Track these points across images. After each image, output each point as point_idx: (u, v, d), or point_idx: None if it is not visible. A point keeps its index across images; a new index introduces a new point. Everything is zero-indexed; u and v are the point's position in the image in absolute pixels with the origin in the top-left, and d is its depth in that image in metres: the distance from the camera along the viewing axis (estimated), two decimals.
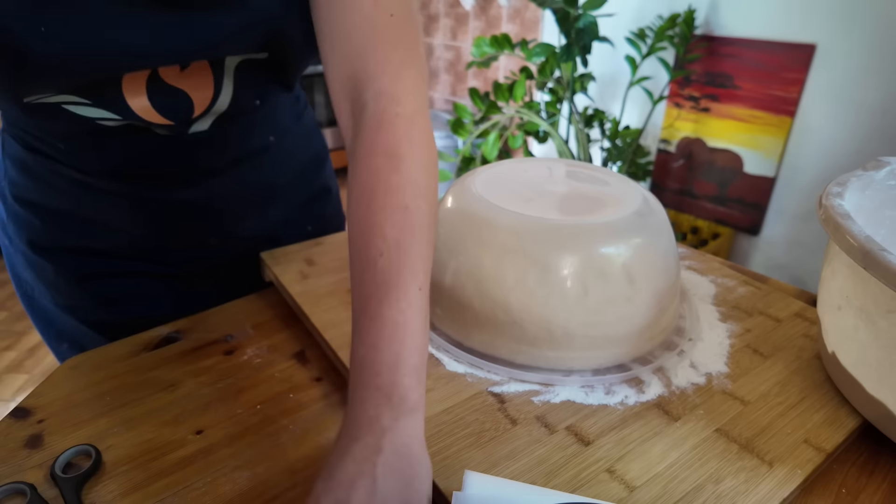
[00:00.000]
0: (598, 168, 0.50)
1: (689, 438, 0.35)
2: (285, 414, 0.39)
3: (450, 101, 2.60)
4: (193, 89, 0.42)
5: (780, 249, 1.47)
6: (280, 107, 0.53)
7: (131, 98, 0.40)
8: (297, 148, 0.58)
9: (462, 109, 1.49)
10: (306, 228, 0.62)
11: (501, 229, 0.40)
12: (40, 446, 0.37)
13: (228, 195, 0.52)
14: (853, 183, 0.39)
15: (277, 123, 0.53)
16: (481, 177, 0.47)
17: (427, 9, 2.52)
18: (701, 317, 0.47)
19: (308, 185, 0.61)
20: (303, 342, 0.47)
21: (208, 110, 0.44)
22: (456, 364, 0.41)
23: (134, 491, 0.33)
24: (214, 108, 0.44)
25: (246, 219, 0.55)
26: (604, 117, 1.56)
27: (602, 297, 0.39)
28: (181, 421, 0.39)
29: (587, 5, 1.30)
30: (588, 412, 0.37)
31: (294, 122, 0.57)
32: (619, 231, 0.40)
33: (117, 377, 0.43)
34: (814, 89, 1.30)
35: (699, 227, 1.59)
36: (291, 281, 0.51)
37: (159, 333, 0.48)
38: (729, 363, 0.42)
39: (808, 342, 0.44)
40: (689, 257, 0.57)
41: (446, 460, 0.33)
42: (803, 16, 1.27)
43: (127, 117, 0.41)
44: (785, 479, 0.32)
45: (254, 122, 0.50)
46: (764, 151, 1.42)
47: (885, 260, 0.29)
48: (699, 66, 1.48)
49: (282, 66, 0.46)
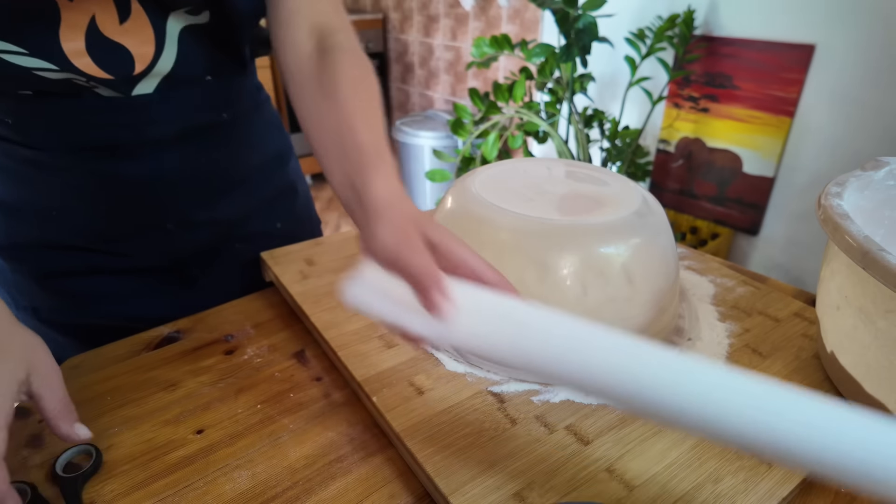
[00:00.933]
0: (598, 168, 0.50)
1: (687, 438, 0.35)
2: (285, 413, 0.39)
3: (450, 102, 2.60)
4: (134, 45, 0.43)
5: (779, 249, 1.47)
6: (234, 87, 0.53)
7: (69, 47, 0.40)
8: (256, 139, 0.58)
9: (462, 110, 1.49)
10: (275, 225, 0.62)
11: (501, 229, 0.40)
12: (41, 446, 0.37)
13: (180, 173, 0.51)
14: (852, 183, 0.40)
15: (231, 103, 0.53)
16: (481, 177, 0.47)
17: (427, 9, 2.52)
18: (700, 316, 0.47)
19: (270, 182, 0.61)
20: (303, 342, 0.47)
21: (150, 68, 0.44)
22: (456, 364, 0.41)
23: (134, 490, 0.33)
24: (157, 68, 0.44)
25: (203, 204, 0.54)
26: (603, 117, 1.56)
27: (601, 296, 0.39)
28: (182, 420, 0.39)
29: (587, 6, 1.30)
30: (587, 412, 0.37)
31: (252, 111, 0.57)
32: (618, 231, 0.40)
33: (118, 377, 0.43)
34: (813, 90, 1.30)
35: (698, 227, 1.59)
36: (291, 281, 0.51)
37: (160, 333, 0.48)
38: (728, 363, 0.42)
39: (807, 342, 0.44)
40: (688, 257, 0.57)
41: (446, 459, 0.33)
42: (802, 16, 1.27)
43: (65, 68, 0.41)
44: (783, 479, 0.32)
45: (204, 94, 0.50)
46: (763, 152, 1.42)
47: (884, 260, 0.29)
48: (698, 67, 1.48)
49: (226, 34, 0.47)
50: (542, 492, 0.31)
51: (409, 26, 2.70)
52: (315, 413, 0.40)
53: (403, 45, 2.80)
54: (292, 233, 0.64)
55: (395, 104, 3.09)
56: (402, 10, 2.71)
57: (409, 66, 2.82)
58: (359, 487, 0.34)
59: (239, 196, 0.57)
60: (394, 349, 0.43)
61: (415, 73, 2.80)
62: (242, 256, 0.58)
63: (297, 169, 0.66)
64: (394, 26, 2.82)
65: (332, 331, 0.44)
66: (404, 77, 2.90)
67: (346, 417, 0.39)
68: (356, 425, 0.39)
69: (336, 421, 0.39)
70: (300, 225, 0.66)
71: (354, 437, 0.38)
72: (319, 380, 0.43)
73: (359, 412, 0.40)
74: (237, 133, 0.55)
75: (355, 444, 0.37)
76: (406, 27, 2.73)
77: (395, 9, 2.76)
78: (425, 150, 2.25)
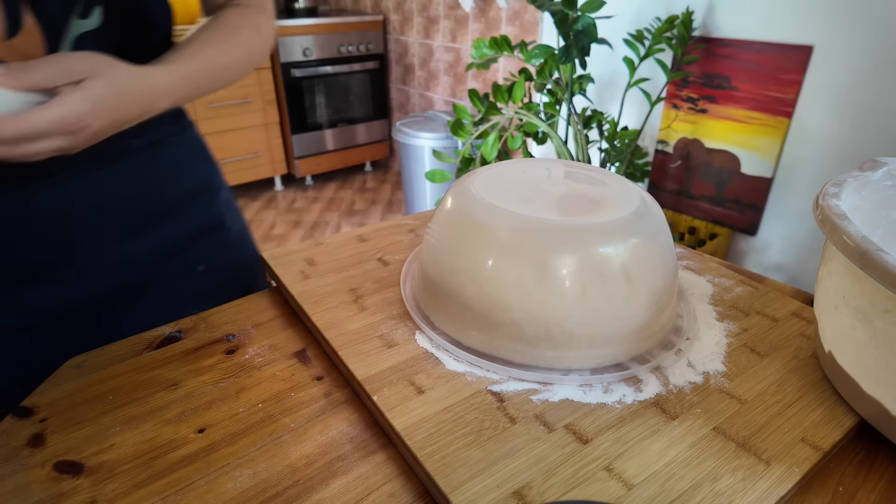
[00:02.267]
0: (597, 169, 0.51)
1: (686, 437, 0.35)
2: (286, 413, 0.40)
3: (449, 103, 2.61)
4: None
5: (777, 249, 1.48)
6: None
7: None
8: (174, 170, 0.53)
9: (461, 111, 1.49)
10: (196, 267, 0.56)
11: (501, 229, 0.41)
12: (42, 445, 0.37)
13: (81, 208, 0.46)
14: (850, 183, 0.40)
15: (142, 128, 0.46)
16: (480, 177, 0.47)
17: (427, 11, 2.52)
18: (698, 316, 0.47)
19: (191, 218, 0.55)
20: (304, 341, 0.47)
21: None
22: (455, 363, 0.41)
23: (136, 489, 0.34)
24: None
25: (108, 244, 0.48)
26: (602, 118, 1.56)
27: (600, 296, 0.39)
28: (183, 419, 0.39)
29: (585, 7, 1.30)
30: (586, 411, 0.37)
31: (169, 137, 0.52)
32: (617, 231, 0.40)
33: (119, 376, 0.43)
34: (811, 90, 1.30)
35: (697, 227, 1.59)
36: (292, 281, 0.51)
37: (161, 333, 0.48)
38: (726, 362, 0.42)
39: (805, 341, 0.44)
40: (686, 257, 0.57)
41: (446, 458, 0.33)
42: (800, 17, 1.27)
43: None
44: (782, 478, 0.32)
45: None
46: (761, 152, 1.42)
47: (882, 260, 0.30)
48: (697, 68, 1.49)
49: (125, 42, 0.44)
50: (542, 490, 0.31)
51: (410, 28, 2.71)
52: (316, 412, 0.40)
53: (403, 46, 2.80)
54: (219, 277, 0.57)
55: (395, 105, 3.10)
56: (403, 12, 2.71)
57: (410, 67, 2.82)
58: (359, 486, 0.34)
59: (153, 234, 0.51)
60: (394, 349, 0.43)
61: (415, 75, 2.80)
62: (153, 309, 0.51)
63: (228, 202, 0.60)
64: (394, 28, 2.83)
65: (333, 330, 0.45)
66: (404, 78, 2.90)
67: (346, 416, 0.39)
68: (356, 424, 0.39)
69: (336, 420, 0.39)
70: (231, 267, 0.59)
71: (355, 435, 0.38)
72: (320, 379, 0.43)
73: (359, 411, 0.40)
74: (151, 163, 0.50)
75: (356, 443, 0.37)
76: (406, 29, 2.73)
77: (396, 10, 2.76)
78: (425, 150, 2.25)
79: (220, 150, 2.70)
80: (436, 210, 0.48)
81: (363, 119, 3.05)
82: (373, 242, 0.59)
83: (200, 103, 2.54)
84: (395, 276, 0.53)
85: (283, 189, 3.02)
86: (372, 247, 0.58)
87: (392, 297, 0.50)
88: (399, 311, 0.48)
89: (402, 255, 0.57)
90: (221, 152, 2.71)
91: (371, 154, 3.19)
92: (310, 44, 2.70)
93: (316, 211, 2.77)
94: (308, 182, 3.11)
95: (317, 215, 2.72)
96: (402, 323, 0.46)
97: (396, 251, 0.58)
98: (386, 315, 0.47)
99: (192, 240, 0.55)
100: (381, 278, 0.53)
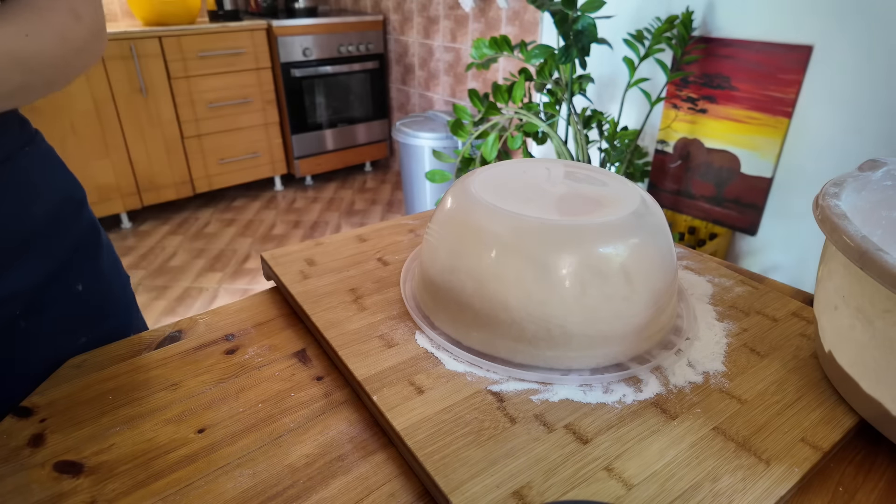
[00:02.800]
0: (597, 169, 0.51)
1: (686, 437, 0.35)
2: (286, 412, 0.40)
3: (449, 103, 2.61)
4: None
5: (777, 249, 1.48)
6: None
7: None
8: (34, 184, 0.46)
9: (461, 111, 1.49)
10: (75, 287, 0.50)
11: (500, 229, 0.41)
12: (42, 445, 0.37)
13: None
14: (850, 183, 0.40)
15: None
16: (480, 177, 0.47)
17: (427, 11, 2.52)
18: (698, 316, 0.47)
19: (65, 235, 0.49)
20: (304, 341, 0.47)
21: None
22: (455, 363, 0.41)
23: (136, 489, 0.34)
24: None
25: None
26: (602, 118, 1.56)
27: (600, 296, 0.39)
28: (183, 419, 0.39)
29: (585, 7, 1.30)
30: (586, 411, 0.37)
31: (19, 149, 0.45)
32: (617, 231, 0.40)
33: (119, 376, 0.43)
34: (811, 90, 1.30)
35: (696, 227, 1.60)
36: (292, 281, 0.51)
37: (161, 333, 0.48)
38: (726, 362, 0.42)
39: (805, 341, 0.44)
40: (686, 257, 0.57)
41: (446, 458, 0.33)
42: (800, 17, 1.27)
43: None
44: (782, 477, 0.32)
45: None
46: (761, 152, 1.43)
47: (882, 260, 0.30)
48: (696, 68, 1.49)
49: None
50: (541, 490, 0.31)
51: (410, 28, 2.71)
52: (315, 412, 0.40)
53: (403, 46, 2.80)
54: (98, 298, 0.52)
55: (395, 105, 3.10)
56: (403, 12, 2.71)
57: (410, 67, 2.82)
58: (359, 486, 0.34)
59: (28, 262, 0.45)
60: (394, 349, 0.43)
61: (415, 75, 2.80)
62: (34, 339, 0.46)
63: (89, 217, 0.53)
64: (394, 28, 2.83)
65: (333, 330, 0.45)
66: (404, 78, 2.90)
67: (346, 416, 0.39)
68: (356, 424, 0.39)
69: (336, 420, 0.39)
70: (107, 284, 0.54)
71: (355, 435, 0.38)
72: (320, 379, 0.43)
73: (359, 411, 0.40)
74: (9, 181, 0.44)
75: (356, 443, 0.37)
76: (406, 29, 2.74)
77: (396, 10, 2.76)
78: (425, 150, 2.25)
79: (220, 150, 2.70)
80: (436, 210, 0.48)
81: (363, 119, 3.05)
82: (373, 242, 0.59)
83: (200, 103, 2.54)
84: (395, 276, 0.53)
85: (282, 189, 3.02)
86: (372, 247, 0.58)
87: (392, 297, 0.50)
88: (399, 311, 0.48)
89: (402, 255, 0.57)
90: (221, 152, 2.71)
91: (371, 154, 3.19)
92: (310, 44, 2.71)
93: (316, 211, 2.77)
94: (308, 182, 3.12)
95: (317, 215, 2.72)
96: (402, 323, 0.46)
97: (396, 251, 0.58)
98: (386, 315, 0.47)
99: (69, 258, 0.49)
100: (381, 278, 0.53)
